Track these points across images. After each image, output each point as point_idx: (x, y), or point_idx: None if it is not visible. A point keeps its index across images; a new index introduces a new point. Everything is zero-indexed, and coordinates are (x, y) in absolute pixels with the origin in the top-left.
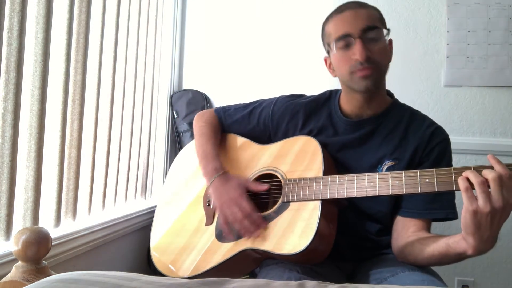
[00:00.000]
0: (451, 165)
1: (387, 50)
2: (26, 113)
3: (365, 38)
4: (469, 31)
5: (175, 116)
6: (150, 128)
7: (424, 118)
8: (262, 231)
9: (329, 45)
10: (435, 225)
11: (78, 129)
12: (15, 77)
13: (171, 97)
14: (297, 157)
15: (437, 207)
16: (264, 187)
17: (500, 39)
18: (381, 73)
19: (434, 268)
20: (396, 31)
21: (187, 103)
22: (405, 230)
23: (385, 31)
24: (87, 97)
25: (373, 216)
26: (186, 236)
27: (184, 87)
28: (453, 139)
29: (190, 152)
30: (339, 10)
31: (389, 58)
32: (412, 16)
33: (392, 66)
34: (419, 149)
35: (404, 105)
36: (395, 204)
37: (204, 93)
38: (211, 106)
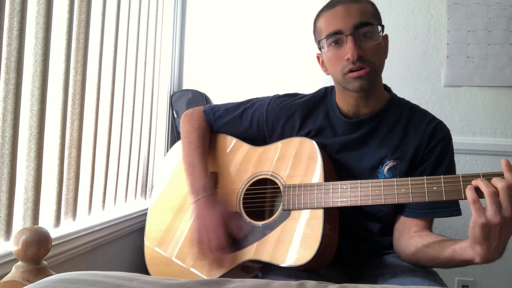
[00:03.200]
0: (453, 162)
1: (381, 47)
2: (26, 113)
3: (358, 35)
4: (469, 31)
5: (175, 116)
6: (150, 128)
7: (424, 113)
8: (263, 242)
9: (320, 42)
10: (435, 223)
11: (78, 129)
12: (15, 77)
13: (171, 97)
14: (295, 160)
15: (441, 206)
16: (240, 234)
17: (500, 39)
18: (375, 73)
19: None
20: (396, 31)
21: (187, 103)
22: (408, 230)
23: (379, 27)
24: (87, 97)
25: (374, 215)
26: (178, 248)
27: (184, 87)
28: (453, 139)
29: (178, 155)
30: (331, 5)
31: (384, 56)
32: (412, 16)
33: (392, 66)
34: (420, 147)
35: (402, 100)
36: (398, 204)
37: (204, 93)
38: None
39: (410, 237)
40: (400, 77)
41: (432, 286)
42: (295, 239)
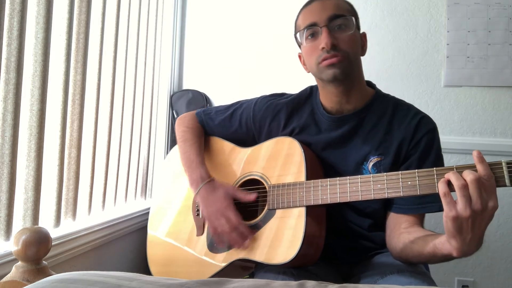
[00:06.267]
0: (440, 155)
1: (356, 39)
2: (26, 113)
3: (332, 27)
4: (469, 31)
5: (175, 116)
6: (150, 128)
7: (409, 108)
8: (251, 241)
9: (298, 36)
10: (429, 218)
11: (78, 129)
12: (15, 77)
13: (171, 97)
14: (280, 160)
15: (430, 200)
16: (252, 196)
17: (500, 39)
18: (349, 62)
19: (434, 267)
20: (396, 31)
21: (187, 103)
22: (398, 226)
23: (353, 18)
24: (87, 97)
25: (363, 211)
26: (180, 248)
27: (184, 87)
28: (453, 139)
29: (176, 157)
30: (308, 2)
31: (358, 48)
32: (412, 16)
33: (392, 66)
34: (404, 142)
35: (387, 96)
36: (387, 200)
37: (204, 93)
38: (211, 106)
39: (399, 233)
40: (400, 77)
41: (423, 286)
42: (280, 238)
